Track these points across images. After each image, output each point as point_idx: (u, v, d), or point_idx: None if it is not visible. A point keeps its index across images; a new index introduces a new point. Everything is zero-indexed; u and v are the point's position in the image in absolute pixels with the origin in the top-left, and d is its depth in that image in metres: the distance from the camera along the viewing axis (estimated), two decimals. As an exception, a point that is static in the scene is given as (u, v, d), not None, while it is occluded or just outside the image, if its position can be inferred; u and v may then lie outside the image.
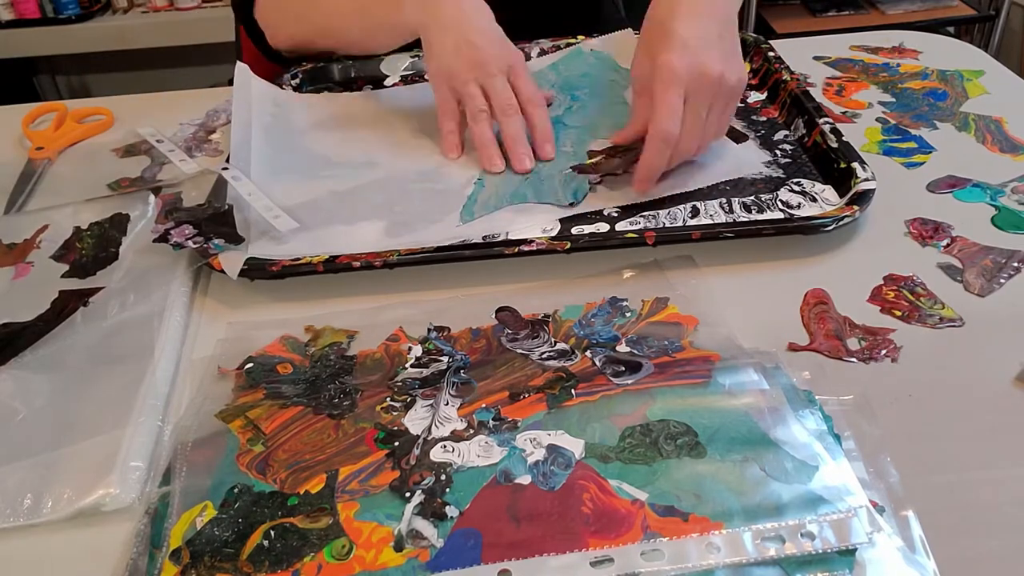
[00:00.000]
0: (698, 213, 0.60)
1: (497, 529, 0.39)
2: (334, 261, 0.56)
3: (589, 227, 0.59)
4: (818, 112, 0.69)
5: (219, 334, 0.54)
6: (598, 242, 0.57)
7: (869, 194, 0.59)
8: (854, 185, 0.60)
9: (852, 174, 0.61)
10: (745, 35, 0.85)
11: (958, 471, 0.42)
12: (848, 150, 0.64)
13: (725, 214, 0.60)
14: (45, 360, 0.52)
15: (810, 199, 0.62)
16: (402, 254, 0.56)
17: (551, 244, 0.57)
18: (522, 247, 0.56)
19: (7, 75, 2.32)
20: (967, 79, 0.81)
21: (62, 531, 0.42)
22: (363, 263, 0.56)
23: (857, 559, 0.37)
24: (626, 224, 0.60)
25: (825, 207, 0.61)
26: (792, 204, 0.61)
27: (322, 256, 0.57)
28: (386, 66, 0.85)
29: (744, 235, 0.57)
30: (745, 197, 0.62)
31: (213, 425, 0.47)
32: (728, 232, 0.57)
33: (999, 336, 0.50)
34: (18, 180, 0.73)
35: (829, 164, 0.64)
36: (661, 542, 0.37)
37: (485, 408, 0.46)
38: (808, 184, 0.63)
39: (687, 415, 0.44)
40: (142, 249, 0.61)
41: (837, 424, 0.43)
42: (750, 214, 0.60)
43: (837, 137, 0.65)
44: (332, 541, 0.39)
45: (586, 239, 0.57)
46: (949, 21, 2.16)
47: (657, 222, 0.60)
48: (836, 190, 0.62)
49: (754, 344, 0.49)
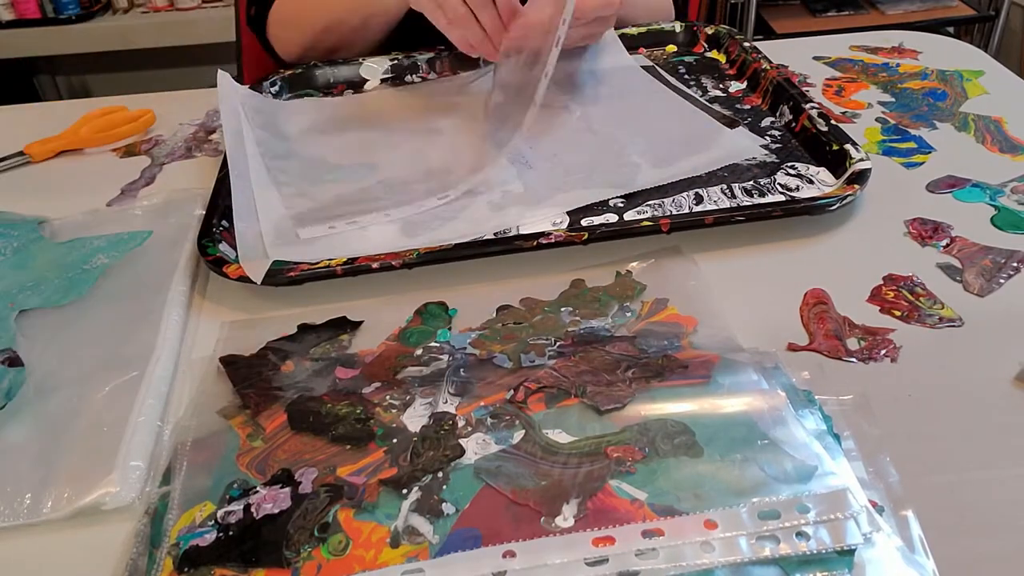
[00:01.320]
0: (702, 200, 0.61)
1: (496, 529, 0.39)
2: (353, 263, 0.56)
3: (598, 218, 0.60)
4: (803, 97, 0.71)
5: (218, 333, 0.54)
6: (614, 231, 0.58)
7: (866, 173, 0.61)
8: (850, 166, 0.62)
9: (846, 155, 0.62)
10: (718, 28, 0.87)
11: (957, 471, 0.42)
12: (838, 133, 0.65)
13: (728, 199, 0.61)
14: (44, 360, 0.52)
15: (807, 181, 0.63)
16: (421, 253, 0.56)
17: (569, 236, 0.57)
18: (540, 240, 0.57)
19: (7, 75, 2.32)
20: (967, 79, 0.81)
21: (62, 531, 0.42)
22: (382, 264, 0.56)
23: (856, 559, 0.37)
24: (634, 213, 0.60)
25: (823, 188, 0.62)
26: (791, 187, 0.62)
27: (340, 259, 0.56)
28: (366, 70, 0.84)
29: (754, 218, 0.58)
30: (745, 182, 0.63)
31: (213, 424, 0.47)
32: (740, 216, 0.58)
33: (999, 336, 0.50)
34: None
35: (820, 147, 0.66)
36: (657, 541, 0.37)
37: (483, 407, 0.46)
38: (802, 167, 0.65)
39: (687, 415, 0.44)
40: (141, 249, 0.61)
41: (837, 424, 0.43)
42: (752, 198, 0.62)
43: (826, 121, 0.67)
44: (329, 538, 0.39)
45: (602, 229, 0.58)
46: (949, 21, 2.17)
47: (664, 210, 0.61)
48: (831, 171, 0.64)
49: (754, 344, 0.49)
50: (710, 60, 0.85)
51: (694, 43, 0.88)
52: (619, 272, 0.57)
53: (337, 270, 0.56)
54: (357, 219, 0.62)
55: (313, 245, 0.60)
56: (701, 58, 0.85)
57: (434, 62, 0.85)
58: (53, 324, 0.55)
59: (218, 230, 0.61)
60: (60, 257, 0.60)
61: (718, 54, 0.85)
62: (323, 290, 0.57)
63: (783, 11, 2.25)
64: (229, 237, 0.61)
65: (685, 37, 0.88)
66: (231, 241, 0.60)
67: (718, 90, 0.78)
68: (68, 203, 0.69)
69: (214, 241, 0.60)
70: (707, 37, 0.87)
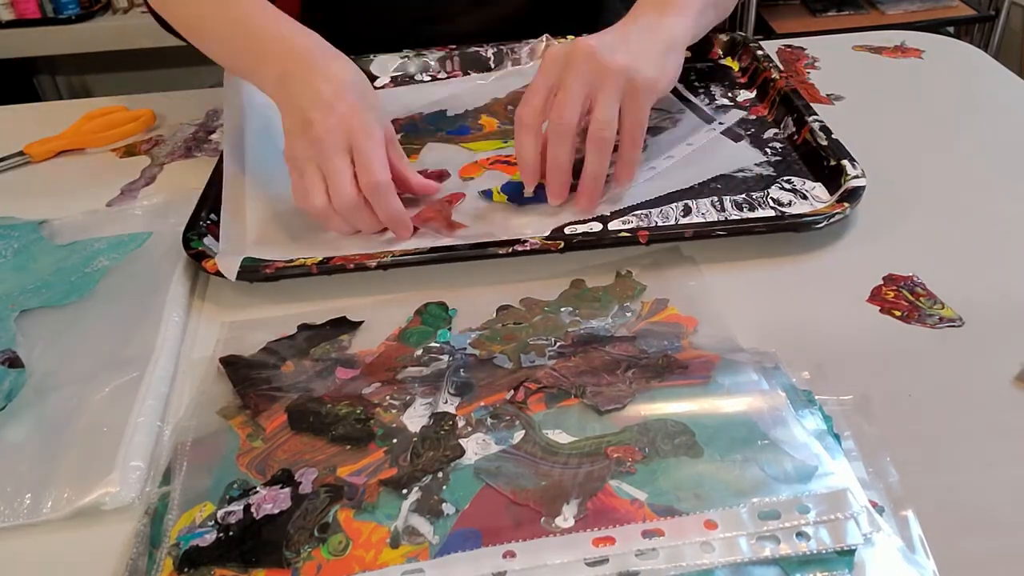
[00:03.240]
0: (690, 212, 0.60)
1: (496, 529, 0.39)
2: (327, 263, 0.56)
3: (582, 227, 0.59)
4: (807, 109, 0.69)
5: (218, 334, 0.54)
6: (592, 241, 0.57)
7: (859, 191, 0.59)
8: (844, 182, 0.60)
9: (842, 171, 0.61)
10: (735, 35, 0.85)
11: (958, 471, 0.42)
12: (838, 147, 0.64)
13: (717, 212, 0.60)
14: (44, 360, 0.52)
15: (800, 196, 0.62)
16: (396, 256, 0.56)
17: (545, 244, 0.56)
18: (516, 247, 0.56)
19: (7, 75, 2.32)
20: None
21: (62, 531, 0.42)
22: (356, 265, 0.56)
23: (856, 559, 0.37)
24: (619, 223, 0.60)
25: (816, 204, 0.61)
26: (783, 202, 0.61)
27: (316, 258, 0.57)
28: (376, 67, 0.84)
29: (736, 233, 0.57)
30: (736, 195, 0.62)
31: (213, 424, 0.47)
32: (720, 230, 0.57)
33: (999, 336, 0.50)
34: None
35: (819, 162, 0.64)
36: (657, 541, 0.37)
37: (484, 407, 0.46)
38: (799, 182, 0.64)
39: (687, 415, 0.44)
40: (141, 249, 0.61)
41: (837, 424, 0.43)
42: (741, 212, 0.60)
43: (827, 135, 0.65)
44: (329, 538, 0.39)
45: (579, 238, 0.57)
46: (949, 21, 2.16)
47: (650, 221, 0.60)
48: (827, 187, 0.62)
49: (754, 344, 0.49)
50: (723, 68, 0.83)
51: (708, 49, 0.86)
52: (619, 272, 0.57)
53: (312, 268, 0.56)
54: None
55: (298, 244, 0.60)
56: (715, 65, 0.84)
57: (444, 61, 0.85)
58: (53, 324, 0.55)
59: (204, 223, 0.62)
60: (61, 260, 0.60)
61: (732, 61, 0.84)
62: (323, 290, 0.57)
63: (783, 11, 2.25)
64: (215, 230, 0.62)
65: (700, 43, 0.83)
66: (217, 234, 0.61)
67: (726, 99, 0.77)
68: (68, 203, 0.69)
69: (199, 235, 0.60)
70: (722, 44, 0.86)
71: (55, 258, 0.61)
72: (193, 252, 0.58)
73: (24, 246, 0.62)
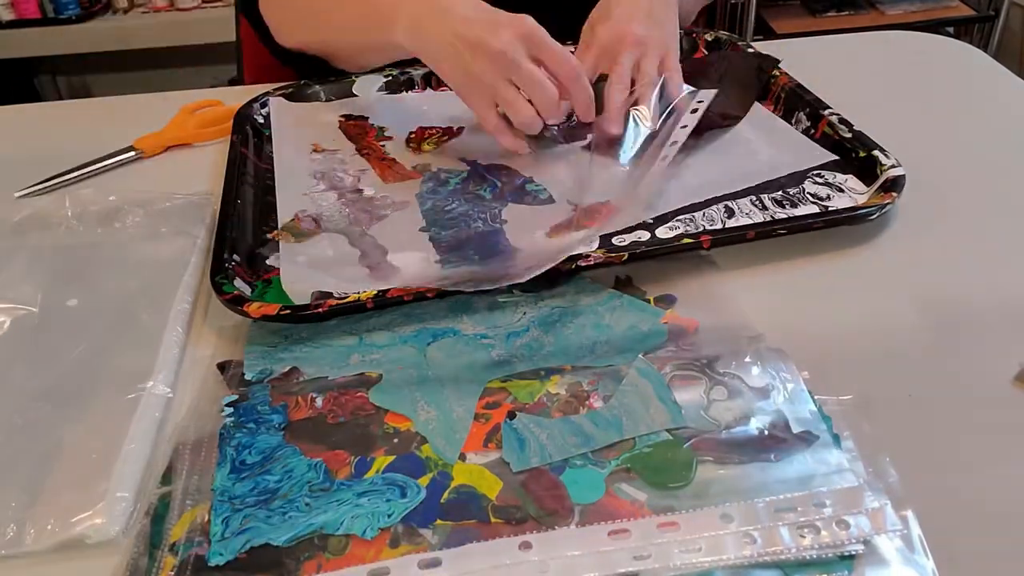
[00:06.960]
0: (733, 213, 0.60)
1: (496, 530, 0.39)
2: (384, 295, 0.52)
3: (629, 236, 0.57)
4: (820, 103, 0.69)
5: (217, 337, 0.54)
6: (653, 250, 0.55)
7: (901, 180, 0.60)
8: (881, 173, 0.60)
9: (876, 162, 0.61)
10: (718, 33, 0.85)
11: (958, 471, 0.42)
12: (863, 138, 0.64)
13: (760, 211, 0.60)
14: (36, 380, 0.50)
15: (837, 189, 0.61)
16: (453, 283, 0.52)
17: (608, 257, 0.54)
18: (579, 263, 0.54)
19: (7, 75, 2.32)
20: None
21: (46, 563, 0.41)
22: (416, 295, 0.52)
23: (856, 559, 0.37)
24: (665, 229, 0.58)
25: (855, 196, 0.61)
26: (821, 196, 0.61)
27: (370, 292, 0.53)
28: (359, 87, 0.81)
29: (796, 231, 0.56)
30: (773, 192, 0.61)
31: (213, 425, 0.47)
32: (781, 229, 0.56)
33: (999, 336, 0.50)
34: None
35: (845, 153, 0.64)
36: (656, 543, 0.37)
37: (484, 406, 0.46)
38: (829, 175, 0.63)
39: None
40: (143, 260, 0.60)
41: (836, 424, 0.43)
42: (784, 209, 0.60)
43: (848, 127, 0.65)
44: (328, 538, 0.39)
45: (643, 248, 0.55)
46: (949, 21, 2.17)
47: (696, 225, 0.58)
48: (859, 179, 0.62)
49: (756, 344, 0.49)
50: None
51: (694, 50, 0.85)
52: (619, 277, 0.56)
53: (368, 303, 0.52)
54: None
55: (346, 279, 0.55)
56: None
57: (430, 77, 0.81)
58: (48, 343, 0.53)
59: (230, 265, 0.57)
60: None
61: None
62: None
63: (783, 11, 2.25)
64: (242, 271, 0.57)
65: (685, 44, 0.84)
66: (245, 276, 0.57)
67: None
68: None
69: (228, 278, 0.55)
70: (707, 44, 0.85)
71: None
72: (228, 296, 0.53)
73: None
